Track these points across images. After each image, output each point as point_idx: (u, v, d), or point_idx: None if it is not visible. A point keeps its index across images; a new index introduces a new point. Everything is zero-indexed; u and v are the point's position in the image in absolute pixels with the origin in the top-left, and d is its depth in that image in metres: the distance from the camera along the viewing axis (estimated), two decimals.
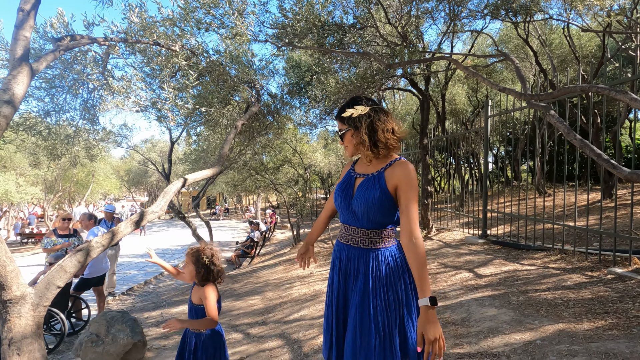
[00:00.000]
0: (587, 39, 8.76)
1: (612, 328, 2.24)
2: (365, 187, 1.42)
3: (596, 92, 2.58)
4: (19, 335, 2.04)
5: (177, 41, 3.43)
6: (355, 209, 1.42)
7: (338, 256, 1.52)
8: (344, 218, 1.50)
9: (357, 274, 1.43)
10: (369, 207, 1.38)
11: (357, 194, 1.43)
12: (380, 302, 1.36)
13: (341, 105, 1.52)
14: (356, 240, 1.45)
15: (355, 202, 1.42)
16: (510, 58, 3.73)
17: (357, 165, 1.57)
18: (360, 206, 1.40)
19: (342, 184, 1.53)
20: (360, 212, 1.41)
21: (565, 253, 3.91)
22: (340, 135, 1.52)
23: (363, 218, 1.41)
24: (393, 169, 1.42)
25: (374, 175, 1.43)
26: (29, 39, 2.17)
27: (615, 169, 2.33)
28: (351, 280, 1.45)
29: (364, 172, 1.50)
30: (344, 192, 1.48)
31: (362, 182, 1.45)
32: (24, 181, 14.84)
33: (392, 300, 1.37)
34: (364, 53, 5.06)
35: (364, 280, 1.40)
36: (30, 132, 4.15)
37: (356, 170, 1.54)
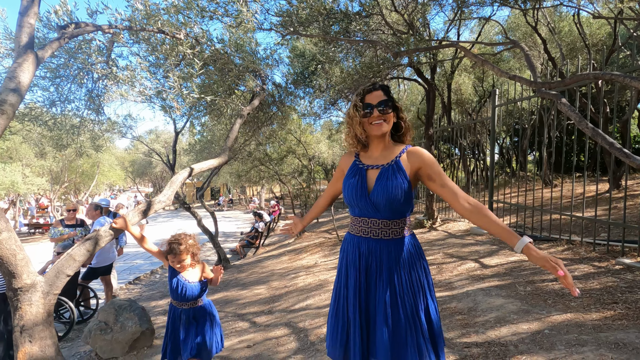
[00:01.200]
0: (598, 26, 8.56)
1: (622, 318, 2.23)
2: (386, 177, 1.38)
3: (609, 79, 2.52)
4: (31, 323, 2.07)
5: (182, 29, 3.38)
6: (375, 201, 1.37)
7: (356, 250, 1.44)
8: (362, 211, 1.43)
9: (381, 267, 1.39)
10: (393, 198, 1.35)
11: (377, 187, 1.37)
12: (407, 292, 1.36)
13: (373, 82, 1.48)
14: (377, 232, 1.41)
15: (376, 195, 1.37)
16: (520, 45, 3.65)
17: (362, 157, 1.50)
18: (382, 198, 1.36)
19: (352, 178, 1.44)
20: (382, 203, 1.36)
21: (573, 244, 3.89)
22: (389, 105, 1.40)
23: (385, 209, 1.37)
24: (409, 156, 1.42)
25: (390, 166, 1.40)
26: (34, 26, 2.14)
27: (628, 158, 2.29)
28: (374, 274, 1.39)
29: (375, 163, 1.44)
30: (357, 186, 1.42)
31: (379, 173, 1.40)
32: (30, 172, 14.96)
33: (417, 288, 1.38)
34: (369, 41, 4.98)
35: (388, 272, 1.38)
36: (35, 123, 4.15)
37: (363, 162, 1.48)
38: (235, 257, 9.97)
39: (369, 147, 1.50)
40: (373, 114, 1.40)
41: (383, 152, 1.45)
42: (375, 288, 1.39)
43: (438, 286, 3.41)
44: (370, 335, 1.37)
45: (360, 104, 1.42)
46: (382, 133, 1.41)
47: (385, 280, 1.37)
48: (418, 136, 9.69)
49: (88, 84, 3.84)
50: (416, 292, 1.37)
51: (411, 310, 1.34)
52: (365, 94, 1.42)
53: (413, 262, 1.41)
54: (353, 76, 6.60)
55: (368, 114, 1.40)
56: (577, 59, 4.14)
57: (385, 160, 1.43)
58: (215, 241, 8.03)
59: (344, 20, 5.22)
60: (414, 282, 1.38)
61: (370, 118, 1.41)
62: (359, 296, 1.40)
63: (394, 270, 1.38)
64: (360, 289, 1.41)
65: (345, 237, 1.55)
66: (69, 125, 4.56)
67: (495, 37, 10.78)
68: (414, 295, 1.37)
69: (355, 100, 1.44)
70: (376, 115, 1.40)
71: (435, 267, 4.00)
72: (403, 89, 12.43)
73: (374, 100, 1.40)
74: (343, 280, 1.48)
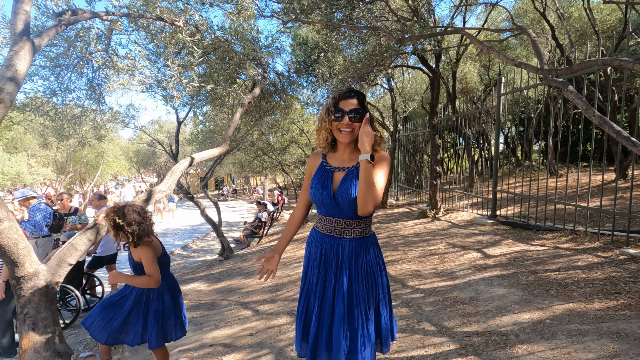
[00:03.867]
0: (608, 11, 8.33)
1: (624, 308, 2.21)
2: (350, 179, 1.44)
3: (618, 65, 2.45)
4: (33, 311, 2.09)
5: (181, 16, 3.33)
6: (339, 201, 1.43)
7: (319, 246, 1.52)
8: (327, 211, 1.50)
9: (342, 264, 1.47)
10: (354, 199, 1.41)
11: (341, 188, 1.43)
12: (363, 289, 1.46)
13: (349, 88, 1.48)
14: (340, 231, 1.48)
15: (340, 196, 1.43)
16: (527, 32, 3.56)
17: (330, 158, 1.55)
18: (345, 199, 1.42)
19: (319, 179, 1.50)
20: (345, 204, 1.43)
21: (577, 234, 3.85)
22: (359, 115, 1.42)
23: (349, 210, 1.44)
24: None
25: (356, 168, 1.45)
26: (29, 13, 2.11)
27: (635, 147, 2.24)
28: (333, 270, 1.48)
29: (342, 165, 1.50)
30: (324, 187, 1.47)
31: (344, 176, 1.46)
32: (35, 162, 15.07)
33: (371, 285, 1.48)
34: (373, 28, 4.88)
35: (349, 269, 1.46)
36: (37, 113, 4.14)
37: (331, 163, 1.52)
38: (239, 247, 10.05)
39: (337, 150, 1.54)
40: (343, 120, 1.42)
41: (350, 155, 1.51)
42: (334, 283, 1.47)
43: (440, 276, 3.41)
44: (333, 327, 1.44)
45: (332, 108, 1.44)
46: (347, 141, 1.45)
47: (344, 276, 1.46)
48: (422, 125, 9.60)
49: (88, 73, 3.81)
50: (370, 289, 1.48)
51: (364, 306, 1.45)
52: (340, 99, 1.45)
53: (370, 261, 1.50)
54: (356, 65, 6.50)
55: (339, 118, 1.43)
56: (586, 46, 4.03)
57: (351, 162, 1.49)
58: (218, 231, 8.08)
59: (347, 7, 5.12)
60: (369, 280, 1.48)
61: (340, 124, 1.43)
62: (322, 291, 1.48)
63: (352, 267, 1.47)
64: (324, 284, 1.49)
65: (310, 233, 1.60)
66: (71, 115, 4.56)
67: (502, 23, 10.55)
68: (368, 292, 1.47)
69: (329, 103, 1.48)
70: (346, 122, 1.42)
71: (437, 257, 3.99)
72: (407, 78, 12.26)
73: (346, 107, 1.43)
74: (308, 275, 1.55)
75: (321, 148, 1.56)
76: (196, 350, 2.91)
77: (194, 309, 4.26)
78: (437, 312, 2.63)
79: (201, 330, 3.42)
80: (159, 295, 2.20)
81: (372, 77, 7.79)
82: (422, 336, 2.33)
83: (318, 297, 1.48)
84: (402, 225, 6.22)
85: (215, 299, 4.54)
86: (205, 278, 6.07)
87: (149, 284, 2.07)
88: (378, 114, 10.07)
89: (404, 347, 2.25)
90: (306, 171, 1.62)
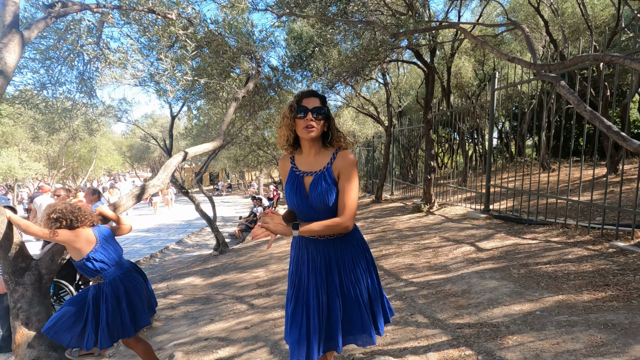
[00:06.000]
0: (601, 7, 8.37)
1: (612, 300, 2.26)
2: (319, 184, 1.48)
3: (610, 61, 2.48)
4: (26, 305, 2.08)
5: (173, 9, 3.29)
6: (315, 206, 1.48)
7: (304, 251, 1.56)
8: (305, 216, 1.53)
9: (330, 263, 1.53)
10: (327, 202, 1.47)
11: (313, 193, 1.48)
12: (353, 280, 1.54)
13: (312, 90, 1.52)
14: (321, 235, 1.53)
15: (314, 200, 1.48)
16: (521, 27, 3.57)
17: (297, 161, 1.58)
18: (320, 202, 1.47)
19: (291, 185, 1.54)
20: (321, 207, 1.48)
21: (568, 227, 3.91)
22: (321, 114, 1.48)
23: (326, 212, 1.48)
24: (337, 160, 1.52)
25: (322, 173, 1.50)
26: (18, 4, 2.07)
27: (625, 142, 2.27)
28: (323, 271, 1.52)
29: (310, 169, 1.53)
30: (297, 194, 1.52)
31: (313, 180, 1.51)
32: (27, 157, 14.86)
33: (360, 275, 1.55)
34: (367, 22, 4.86)
35: (337, 267, 1.53)
36: (27, 106, 4.08)
37: (299, 167, 1.56)
38: (234, 242, 10.05)
39: (302, 151, 1.57)
40: (307, 117, 1.46)
41: (316, 157, 1.54)
42: (326, 284, 1.52)
43: (434, 269, 3.45)
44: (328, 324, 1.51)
45: (295, 106, 1.49)
46: (310, 137, 1.49)
47: (334, 274, 1.53)
48: (417, 120, 9.62)
49: (79, 66, 3.76)
50: (360, 279, 1.55)
51: (355, 295, 1.53)
52: (302, 98, 1.50)
53: (356, 253, 1.56)
54: (351, 59, 6.49)
55: (302, 116, 1.47)
56: (579, 41, 4.05)
57: (318, 166, 1.53)
58: (213, 226, 8.07)
59: (341, 1, 5.09)
60: (358, 272, 1.55)
61: (303, 121, 1.47)
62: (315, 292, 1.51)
63: (340, 264, 1.53)
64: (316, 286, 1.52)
65: (293, 238, 1.62)
66: (61, 108, 4.49)
67: (497, 18, 10.56)
68: (358, 282, 1.54)
69: (292, 101, 1.52)
70: (309, 118, 1.46)
71: (431, 251, 4.03)
72: (402, 73, 12.25)
73: (309, 105, 1.47)
74: (296, 280, 1.57)
75: (282, 148, 1.59)
76: (191, 344, 2.92)
77: (189, 303, 4.26)
78: (430, 305, 2.66)
79: (196, 325, 3.43)
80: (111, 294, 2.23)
81: (367, 72, 7.78)
82: (415, 328, 2.36)
83: (312, 299, 1.51)
84: (397, 220, 6.26)
85: (210, 293, 4.55)
86: (200, 273, 6.07)
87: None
88: (373, 108, 10.07)
89: (397, 339, 2.28)
90: (281, 176, 1.66)
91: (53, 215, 2.15)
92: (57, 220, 2.14)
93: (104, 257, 2.23)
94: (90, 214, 2.32)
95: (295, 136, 1.54)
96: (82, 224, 2.22)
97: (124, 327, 2.21)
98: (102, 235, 2.30)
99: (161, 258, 8.54)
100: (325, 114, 1.50)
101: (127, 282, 2.29)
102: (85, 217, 2.25)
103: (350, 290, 1.53)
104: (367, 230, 5.88)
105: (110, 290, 2.21)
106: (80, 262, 2.19)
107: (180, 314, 3.93)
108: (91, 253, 2.19)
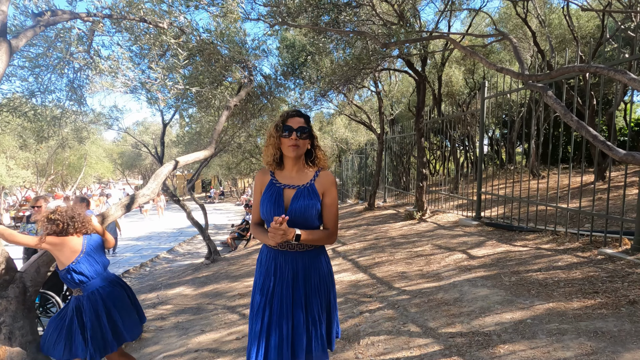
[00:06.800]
0: (587, 19, 8.61)
1: (601, 307, 2.28)
2: (302, 197, 1.54)
3: (595, 72, 2.54)
4: (10, 319, 2.02)
5: (165, 18, 3.29)
6: (293, 218, 1.50)
7: (272, 262, 1.58)
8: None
9: (297, 276, 1.56)
10: (308, 216, 1.52)
11: (294, 205, 1.53)
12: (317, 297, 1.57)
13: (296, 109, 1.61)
14: (293, 245, 1.56)
15: (293, 212, 1.51)
16: (509, 37, 3.64)
17: (278, 175, 1.62)
18: (299, 215, 1.51)
19: (270, 196, 1.56)
20: (299, 220, 1.51)
21: (557, 234, 3.96)
22: (305, 133, 1.54)
23: (301, 226, 1.51)
24: (320, 179, 1.60)
25: (306, 188, 1.57)
26: (6, 13, 2.05)
27: (610, 151, 2.31)
28: (290, 282, 1.55)
29: (292, 183, 1.58)
30: (276, 205, 1.54)
31: (296, 193, 1.56)
32: (15, 164, 14.60)
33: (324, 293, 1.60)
34: (358, 32, 4.92)
35: (304, 280, 1.56)
36: (15, 114, 4.02)
37: (280, 181, 1.60)
38: (226, 250, 9.95)
39: (284, 167, 1.62)
40: (291, 136, 1.53)
41: (298, 174, 1.60)
42: (292, 295, 1.55)
43: (426, 277, 3.45)
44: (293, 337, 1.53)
45: (281, 125, 1.55)
46: (295, 155, 1.55)
47: (300, 287, 1.56)
48: (409, 127, 9.71)
49: (69, 74, 3.72)
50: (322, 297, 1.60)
51: (319, 312, 1.57)
52: (287, 118, 1.56)
53: (323, 271, 1.62)
54: (343, 67, 6.55)
55: (287, 135, 1.53)
56: (566, 52, 4.15)
57: (301, 181, 1.59)
58: (205, 234, 7.99)
59: (333, 11, 5.14)
60: (322, 288, 1.60)
61: (289, 140, 1.53)
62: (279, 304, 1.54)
63: (307, 278, 1.57)
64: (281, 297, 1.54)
65: (262, 250, 1.66)
66: (50, 116, 4.43)
67: (486, 28, 10.77)
68: (321, 300, 1.59)
69: (277, 121, 1.58)
70: (293, 138, 1.52)
71: (423, 259, 4.04)
72: (394, 81, 12.38)
73: (294, 125, 1.54)
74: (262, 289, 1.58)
75: (268, 164, 1.63)
76: (181, 356, 2.87)
77: (179, 314, 4.19)
78: (423, 314, 2.66)
79: (187, 335, 3.37)
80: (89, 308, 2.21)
81: (359, 80, 7.85)
82: (408, 338, 2.35)
83: (276, 309, 1.53)
84: (389, 227, 6.27)
85: (201, 303, 4.48)
86: (191, 282, 5.98)
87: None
88: (365, 116, 10.14)
89: (389, 348, 2.26)
90: (255, 188, 1.67)
91: (52, 216, 2.13)
92: (54, 223, 2.12)
93: (85, 270, 2.20)
94: (89, 222, 2.28)
95: (281, 154, 1.59)
96: (76, 231, 2.20)
97: (105, 342, 2.18)
98: (90, 246, 2.26)
99: (151, 267, 8.41)
100: (309, 133, 1.57)
101: (107, 297, 2.25)
102: (82, 225, 2.23)
103: (313, 305, 1.56)
104: (360, 237, 5.88)
105: (89, 305, 2.19)
106: (62, 272, 2.18)
107: (170, 324, 3.87)
108: (72, 264, 2.16)
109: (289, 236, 1.43)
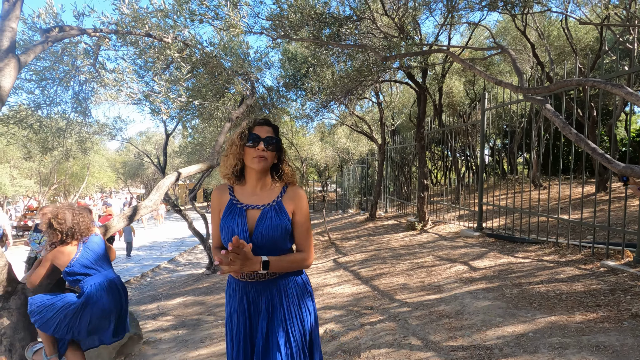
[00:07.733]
0: (585, 31, 8.71)
1: (604, 321, 2.26)
2: (269, 219, 1.36)
3: (592, 85, 2.57)
4: (11, 331, 2.03)
5: (170, 33, 3.36)
6: (259, 243, 1.34)
7: (244, 296, 1.40)
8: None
9: (273, 306, 1.39)
10: (277, 238, 1.35)
11: (260, 228, 1.34)
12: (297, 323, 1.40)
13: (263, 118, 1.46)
14: (262, 275, 1.38)
15: (260, 237, 1.34)
16: (507, 51, 3.69)
17: (238, 193, 1.43)
18: (268, 239, 1.34)
19: (230, 220, 1.37)
20: (268, 244, 1.35)
21: (559, 246, 3.94)
22: (272, 144, 1.37)
23: (270, 251, 1.34)
24: (289, 194, 1.43)
25: (272, 207, 1.39)
26: (16, 30, 2.11)
27: (609, 163, 2.33)
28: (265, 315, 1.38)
29: (255, 203, 1.40)
30: (238, 229, 1.35)
31: (261, 213, 1.37)
32: (18, 174, 14.71)
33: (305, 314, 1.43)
34: (359, 45, 5.00)
35: (280, 308, 1.39)
36: (21, 125, 4.08)
37: (241, 200, 1.41)
38: None
39: (245, 182, 1.44)
40: (258, 146, 1.36)
41: (263, 190, 1.42)
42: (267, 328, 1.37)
43: (427, 289, 3.43)
44: None
45: (247, 133, 1.38)
46: (259, 168, 1.37)
47: (279, 317, 1.38)
48: (410, 138, 9.76)
49: (75, 87, 3.79)
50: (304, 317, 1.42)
51: (300, 337, 1.39)
52: (255, 125, 1.40)
53: (301, 292, 1.44)
54: (344, 79, 6.63)
55: (252, 145, 1.36)
56: (565, 64, 4.20)
57: (266, 200, 1.40)
58: (206, 244, 7.98)
59: (334, 24, 5.23)
60: (304, 310, 1.43)
61: (254, 150, 1.36)
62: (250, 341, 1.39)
63: (284, 306, 1.39)
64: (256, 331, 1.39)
65: (229, 282, 1.46)
66: (55, 128, 4.50)
67: (486, 40, 10.90)
68: (303, 321, 1.42)
69: (243, 127, 1.41)
70: (260, 148, 1.35)
71: (425, 270, 4.02)
72: (395, 92, 12.49)
73: (262, 134, 1.38)
74: (235, 329, 1.41)
75: (226, 178, 1.44)
76: None
77: (179, 326, 4.17)
78: (424, 327, 2.64)
79: (186, 348, 3.35)
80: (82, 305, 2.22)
81: (361, 91, 7.93)
82: (409, 351, 2.33)
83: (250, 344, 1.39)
84: (391, 238, 6.25)
85: (201, 315, 4.46)
86: (192, 292, 5.96)
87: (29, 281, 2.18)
88: (366, 126, 10.20)
89: None
90: (212, 207, 1.47)
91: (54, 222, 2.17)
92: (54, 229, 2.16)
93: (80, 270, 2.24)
94: (88, 229, 2.31)
95: (242, 166, 1.42)
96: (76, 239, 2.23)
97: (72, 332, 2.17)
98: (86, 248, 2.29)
99: (152, 277, 8.39)
100: (278, 144, 1.41)
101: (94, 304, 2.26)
102: (81, 233, 2.26)
103: (295, 332, 1.39)
104: (361, 248, 5.86)
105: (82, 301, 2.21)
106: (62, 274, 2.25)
107: (170, 336, 3.84)
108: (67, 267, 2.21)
109: (254, 266, 1.24)
